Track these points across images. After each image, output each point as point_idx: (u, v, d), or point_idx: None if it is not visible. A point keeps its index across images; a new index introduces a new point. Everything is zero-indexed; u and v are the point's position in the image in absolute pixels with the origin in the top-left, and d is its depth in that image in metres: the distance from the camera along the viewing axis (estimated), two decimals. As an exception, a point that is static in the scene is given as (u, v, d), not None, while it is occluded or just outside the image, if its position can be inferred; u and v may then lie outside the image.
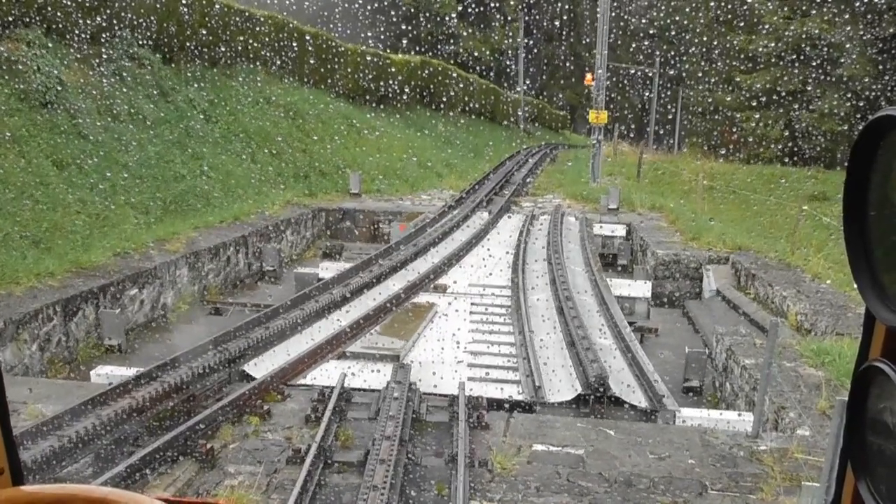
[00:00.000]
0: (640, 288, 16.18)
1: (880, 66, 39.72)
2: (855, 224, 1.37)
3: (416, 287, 14.89)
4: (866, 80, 39.18)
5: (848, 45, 39.05)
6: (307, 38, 32.17)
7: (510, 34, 68.89)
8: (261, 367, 10.01)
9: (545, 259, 17.59)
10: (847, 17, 39.04)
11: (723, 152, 46.63)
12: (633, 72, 67.67)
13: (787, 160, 40.66)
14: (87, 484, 5.54)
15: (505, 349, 11.72)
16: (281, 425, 8.25)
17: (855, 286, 1.38)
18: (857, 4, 38.49)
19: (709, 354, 12.34)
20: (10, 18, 16.34)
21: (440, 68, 48.30)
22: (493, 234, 21.22)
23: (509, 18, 69.36)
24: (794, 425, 8.25)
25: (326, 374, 10.11)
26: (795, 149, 41.30)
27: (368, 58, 37.95)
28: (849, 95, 39.51)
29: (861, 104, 38.98)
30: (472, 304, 14.25)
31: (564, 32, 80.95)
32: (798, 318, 13.04)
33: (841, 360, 9.79)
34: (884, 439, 1.40)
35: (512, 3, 68.90)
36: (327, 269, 16.45)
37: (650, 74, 62.78)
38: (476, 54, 64.84)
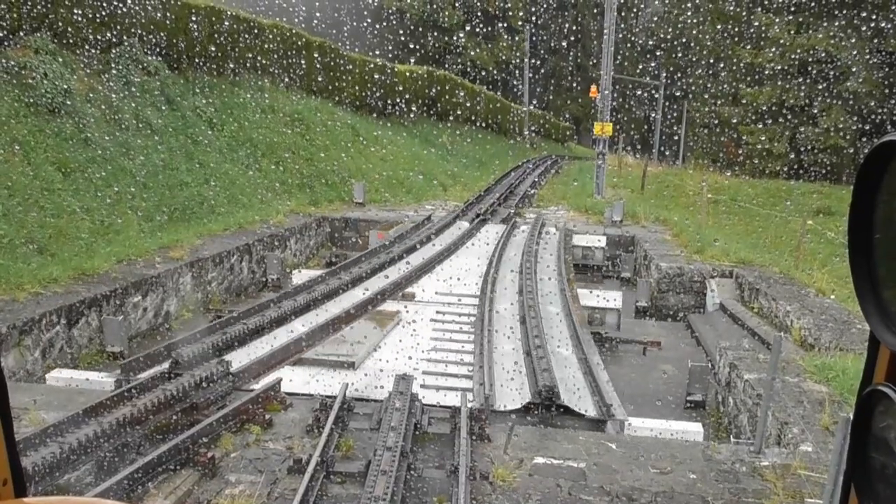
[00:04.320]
0: (611, 299, 16.13)
1: (886, 90, 39.82)
2: (860, 247, 1.37)
3: (383, 295, 14.89)
4: (872, 103, 39.24)
5: (854, 69, 39.13)
6: (314, 48, 32.31)
7: (516, 50, 69.14)
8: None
9: (518, 269, 17.61)
10: (854, 40, 39.12)
11: (727, 166, 46.71)
12: (639, 92, 67.88)
13: (791, 175, 40.71)
14: (88, 495, 5.52)
15: (463, 357, 11.77)
16: (282, 435, 8.24)
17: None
18: (864, 29, 38.57)
19: (712, 369, 12.30)
20: (19, 26, 16.43)
21: (446, 80, 48.41)
22: (470, 244, 21.31)
23: (516, 35, 69.59)
24: (797, 441, 8.22)
25: (283, 380, 10.10)
26: (800, 166, 41.31)
27: (376, 74, 38.04)
28: (854, 118, 39.56)
29: (867, 127, 39.04)
30: (437, 312, 14.26)
31: (570, 47, 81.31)
32: (802, 333, 13.01)
33: (844, 376, 9.76)
34: (888, 462, 1.40)
35: (520, 20, 69.17)
36: (301, 276, 16.70)
37: (655, 95, 62.93)
38: (482, 69, 65.13)
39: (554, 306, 15.12)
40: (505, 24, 69.88)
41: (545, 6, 78.19)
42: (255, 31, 27.23)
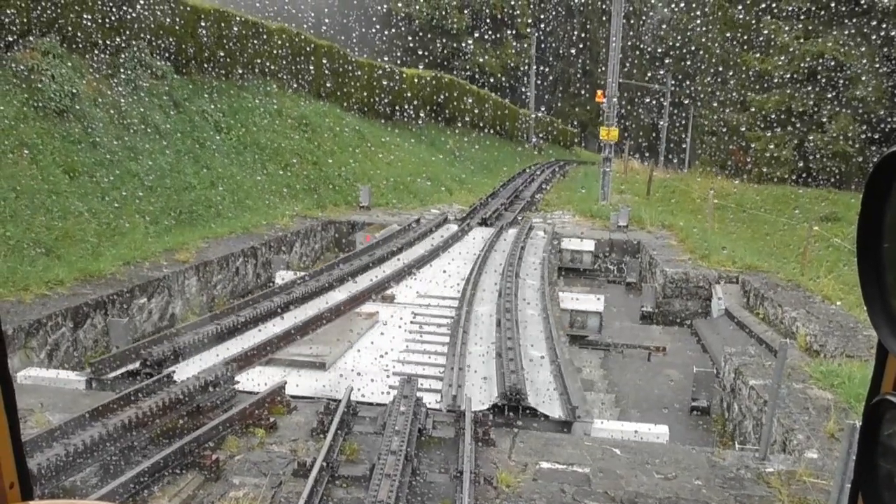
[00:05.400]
0: (592, 302, 16.11)
1: (895, 99, 39.68)
2: (869, 256, 1.37)
3: (361, 297, 14.88)
4: (881, 111, 39.11)
5: (864, 77, 39.00)
6: (322, 53, 32.38)
7: (524, 56, 69.19)
8: (186, 373, 10.01)
9: (502, 271, 17.57)
10: (863, 48, 38.99)
11: (734, 172, 46.62)
12: (647, 99, 67.88)
13: (799, 182, 40.59)
14: (92, 497, 5.53)
15: (436, 359, 11.77)
16: (287, 438, 8.24)
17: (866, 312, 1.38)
18: (874, 37, 38.43)
19: (717, 374, 12.28)
20: (28, 29, 16.49)
21: (454, 85, 48.45)
22: (457, 246, 21.32)
23: (524, 41, 69.58)
24: (802, 448, 8.19)
25: (253, 380, 10.14)
26: (808, 173, 41.19)
27: (384, 80, 38.10)
28: (864, 126, 39.39)
29: (876, 135, 38.89)
30: (415, 314, 14.24)
31: (577, 51, 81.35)
32: (807, 340, 12.98)
33: (850, 383, 9.73)
34: (895, 471, 1.39)
35: (528, 27, 69.22)
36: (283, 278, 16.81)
37: (662, 99, 62.95)
38: (490, 76, 65.17)
39: (533, 309, 15.11)
40: (513, 31, 69.92)
41: (553, 13, 78.29)
42: (264, 35, 27.31)
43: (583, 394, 10.68)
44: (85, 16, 17.93)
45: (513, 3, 68.04)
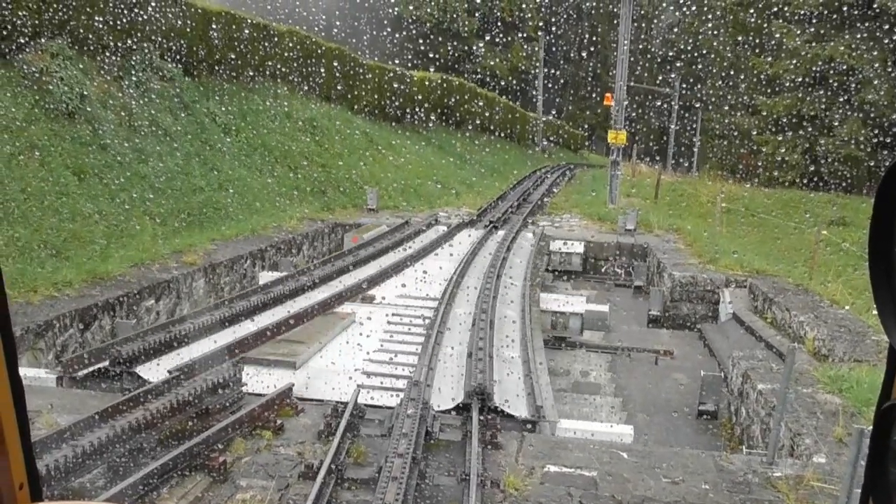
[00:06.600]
0: (573, 304, 16.06)
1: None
2: (880, 261, 1.36)
3: (340, 297, 14.81)
4: (893, 116, 38.90)
5: (875, 81, 38.83)
6: (332, 55, 32.44)
7: (535, 59, 69.23)
8: (155, 371, 10.01)
9: (485, 272, 17.48)
10: (875, 52, 38.81)
11: (743, 175, 46.52)
12: (656, 102, 67.78)
13: (810, 186, 40.48)
14: (101, 498, 5.53)
15: (408, 359, 11.71)
16: (294, 440, 8.24)
17: (875, 313, 1.38)
18: (886, 41, 38.27)
19: (725, 378, 12.24)
20: (39, 31, 16.56)
21: (464, 88, 48.47)
22: (446, 246, 21.26)
23: (534, 45, 69.61)
24: (810, 452, 8.16)
25: None
26: (819, 177, 41.03)
27: (394, 83, 38.17)
28: (875, 130, 39.19)
29: (888, 140, 38.70)
30: (394, 314, 14.15)
31: (586, 54, 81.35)
32: (815, 344, 12.93)
33: (858, 387, 9.69)
34: None
35: (538, 31, 69.25)
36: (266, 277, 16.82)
37: (672, 102, 62.89)
38: (500, 79, 65.20)
39: (512, 310, 15.03)
40: (523, 34, 69.96)
41: (563, 16, 78.28)
42: (274, 38, 27.38)
43: (550, 393, 10.63)
44: (95, 18, 18.02)
45: (522, 6, 68.08)
